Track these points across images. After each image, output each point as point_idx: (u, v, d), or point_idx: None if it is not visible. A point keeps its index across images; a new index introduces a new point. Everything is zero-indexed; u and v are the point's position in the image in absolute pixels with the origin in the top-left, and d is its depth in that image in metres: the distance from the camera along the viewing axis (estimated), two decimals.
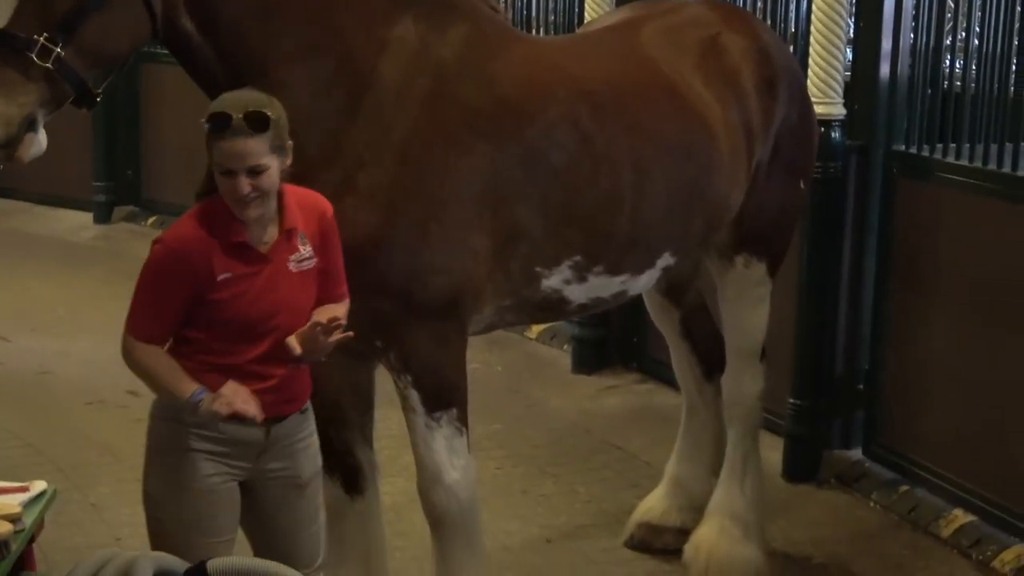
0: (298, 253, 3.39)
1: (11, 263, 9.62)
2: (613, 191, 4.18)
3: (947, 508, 5.42)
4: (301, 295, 3.41)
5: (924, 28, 5.70)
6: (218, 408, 3.23)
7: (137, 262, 3.63)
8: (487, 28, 4.08)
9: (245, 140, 3.21)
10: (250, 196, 3.23)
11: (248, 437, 3.39)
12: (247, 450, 3.42)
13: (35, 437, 6.30)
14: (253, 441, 3.42)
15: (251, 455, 3.43)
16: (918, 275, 5.65)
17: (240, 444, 3.40)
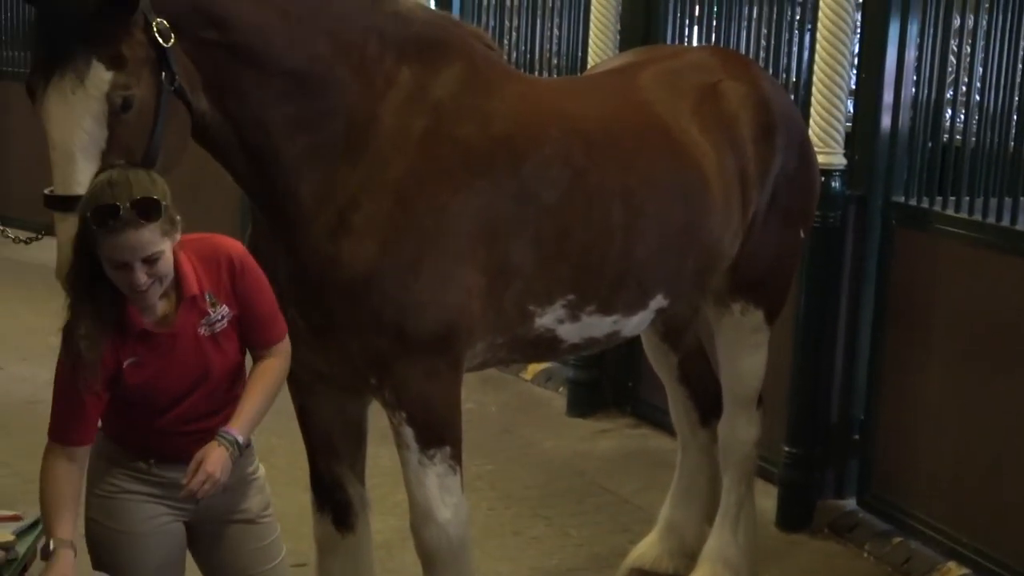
0: (208, 316, 3.32)
1: (3, 291, 9.64)
2: (604, 229, 4.20)
3: (941, 560, 5.41)
4: (221, 355, 3.36)
5: (925, 81, 5.73)
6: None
7: None
8: (482, 67, 4.10)
9: (137, 231, 3.09)
10: (143, 286, 3.13)
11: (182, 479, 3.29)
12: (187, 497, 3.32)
13: (25, 467, 6.24)
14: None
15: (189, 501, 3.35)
16: (915, 325, 5.67)
17: (177, 486, 3.30)
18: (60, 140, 3.28)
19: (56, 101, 3.27)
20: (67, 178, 3.29)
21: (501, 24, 8.29)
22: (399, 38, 3.91)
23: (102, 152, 3.29)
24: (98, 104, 3.27)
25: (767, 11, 6.55)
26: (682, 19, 7.06)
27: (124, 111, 3.29)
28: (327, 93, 3.76)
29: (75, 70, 3.24)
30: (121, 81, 3.28)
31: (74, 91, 3.24)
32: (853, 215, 5.88)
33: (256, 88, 3.62)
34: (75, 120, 3.26)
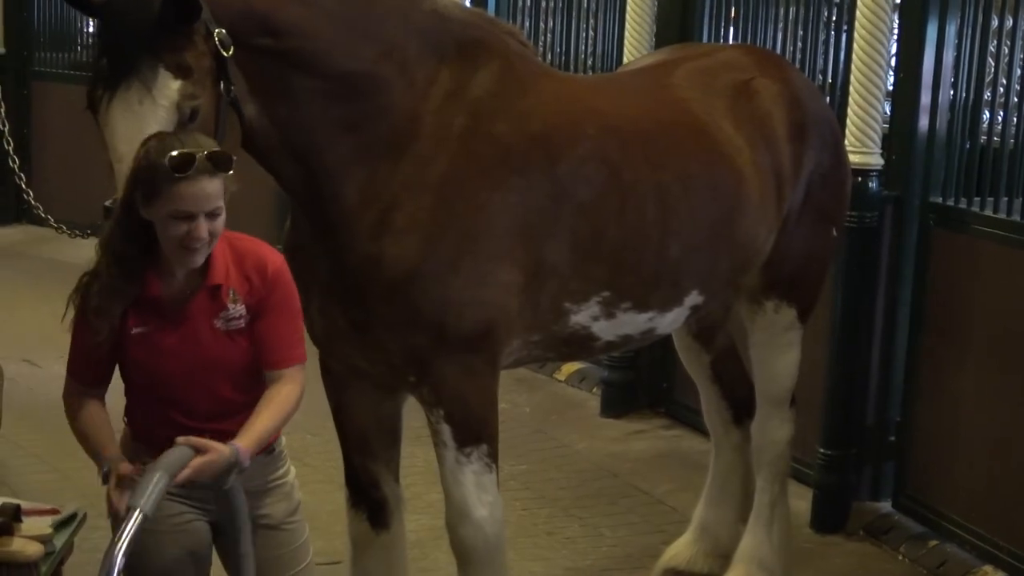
0: (226, 311, 3.28)
1: (42, 290, 9.68)
2: (639, 227, 4.21)
3: (977, 564, 5.38)
4: (231, 355, 3.31)
5: (964, 83, 5.72)
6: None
7: None
8: (517, 65, 4.12)
9: (210, 180, 3.10)
10: (200, 243, 3.13)
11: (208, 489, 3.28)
12: (207, 492, 3.33)
13: (62, 463, 6.34)
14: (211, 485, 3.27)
15: (212, 497, 3.34)
16: (952, 326, 5.65)
17: (199, 487, 3.26)
18: (126, 152, 3.24)
19: (122, 112, 3.26)
20: None
21: (536, 25, 8.32)
22: (438, 37, 3.95)
23: None
24: (167, 114, 3.27)
25: (803, 12, 6.57)
26: (718, 19, 7.06)
27: (191, 121, 3.30)
28: (372, 94, 3.79)
29: (142, 80, 3.24)
30: (188, 91, 3.30)
31: (142, 101, 3.24)
32: (890, 216, 5.86)
33: (305, 92, 3.65)
34: (143, 131, 3.23)
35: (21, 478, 6.01)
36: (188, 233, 3.10)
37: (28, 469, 6.20)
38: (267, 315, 3.32)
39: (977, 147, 5.76)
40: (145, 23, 3.25)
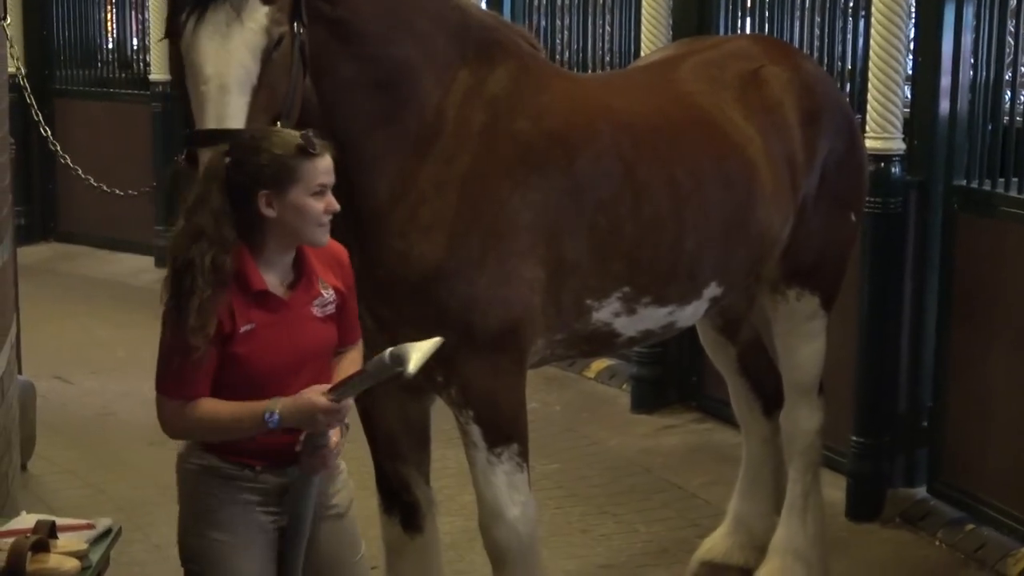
0: (321, 297, 3.30)
1: (73, 306, 9.78)
2: (655, 222, 4.22)
3: (1015, 546, 5.36)
4: (326, 340, 3.33)
5: (983, 64, 5.70)
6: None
7: None
8: (531, 64, 4.16)
9: (328, 156, 3.20)
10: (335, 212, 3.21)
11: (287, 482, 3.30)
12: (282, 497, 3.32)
13: (97, 477, 6.39)
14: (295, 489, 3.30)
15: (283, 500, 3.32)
16: (981, 310, 5.63)
17: (280, 491, 3.29)
18: (215, 73, 3.30)
19: (211, 35, 3.30)
20: (221, 111, 3.32)
21: (553, 23, 8.34)
22: (462, 33, 4.00)
23: (253, 88, 3.34)
24: (256, 38, 3.33)
25: (820, 1, 6.54)
26: (734, 11, 7.06)
27: (276, 48, 3.36)
28: (404, 82, 3.84)
29: (232, 3, 3.30)
30: (275, 16, 3.36)
31: (230, 24, 3.30)
32: (914, 201, 5.84)
33: (348, 70, 3.70)
34: (232, 53, 3.30)
35: (56, 494, 6.05)
36: (326, 207, 3.17)
37: (62, 485, 6.24)
38: (349, 298, 3.38)
39: (1000, 128, 5.74)
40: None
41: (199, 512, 3.32)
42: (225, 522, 3.29)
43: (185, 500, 3.36)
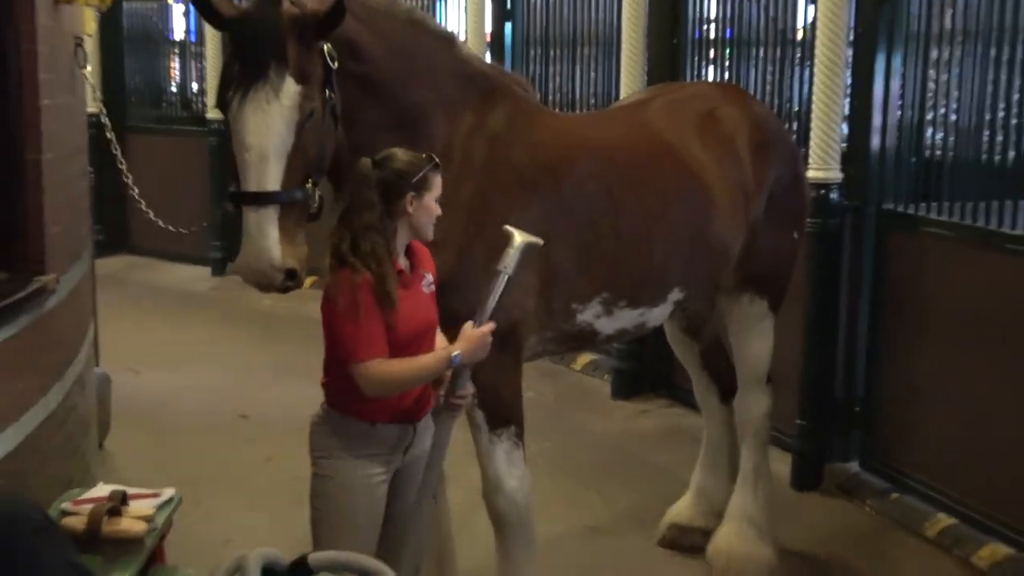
0: (426, 278, 3.46)
1: (141, 310, 9.80)
2: (630, 237, 4.23)
3: (932, 512, 5.40)
4: (434, 313, 3.47)
5: (909, 106, 5.73)
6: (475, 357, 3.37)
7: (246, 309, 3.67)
8: (524, 105, 4.18)
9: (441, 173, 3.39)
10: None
11: (404, 435, 3.43)
12: (399, 448, 3.44)
13: (161, 455, 6.40)
14: (405, 438, 3.44)
15: (401, 452, 3.45)
16: (906, 313, 5.65)
17: (397, 444, 3.42)
18: (256, 144, 3.32)
19: (253, 111, 3.31)
20: (261, 176, 3.34)
21: (546, 71, 8.34)
22: (466, 80, 4.01)
23: (288, 154, 3.36)
24: (290, 113, 3.33)
25: (772, 52, 6.56)
26: (699, 61, 7.08)
27: (309, 119, 3.38)
28: (421, 124, 3.85)
29: (270, 84, 3.31)
30: (307, 93, 3.37)
31: (269, 101, 3.31)
32: (850, 222, 5.87)
33: (373, 115, 3.71)
34: (270, 126, 3.31)
35: (127, 468, 6.06)
36: (433, 210, 3.36)
37: (133, 460, 6.25)
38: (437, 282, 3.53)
39: (922, 160, 5.75)
40: (273, 37, 3.33)
41: (328, 462, 3.41)
42: (348, 468, 3.38)
43: (318, 454, 3.44)
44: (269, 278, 3.36)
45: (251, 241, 3.37)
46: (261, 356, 8.26)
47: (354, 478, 3.39)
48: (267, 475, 6.08)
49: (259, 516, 5.55)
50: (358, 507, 3.42)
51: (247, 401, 7.30)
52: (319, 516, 3.47)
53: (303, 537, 4.78)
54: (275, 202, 3.35)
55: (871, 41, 5.73)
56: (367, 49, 3.67)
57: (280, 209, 3.37)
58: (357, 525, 3.43)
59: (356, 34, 3.63)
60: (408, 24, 3.89)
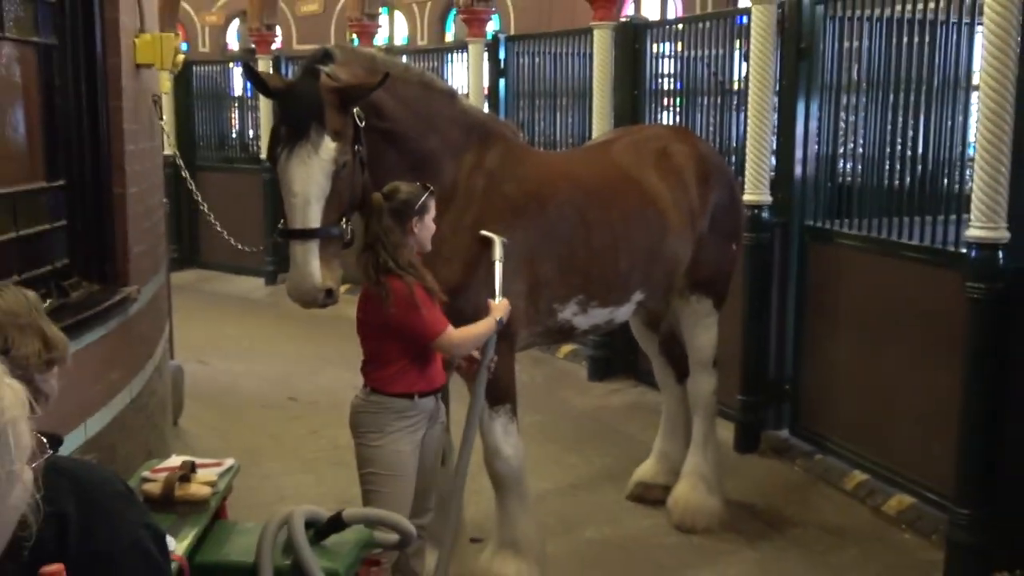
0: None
1: (209, 312, 9.78)
2: (600, 250, 4.22)
3: (849, 470, 5.38)
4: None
5: (825, 141, 5.72)
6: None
7: (294, 312, 3.66)
8: (513, 146, 4.17)
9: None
10: None
11: (431, 406, 3.51)
12: (428, 416, 3.50)
13: (226, 429, 6.40)
14: (432, 408, 3.52)
15: (428, 419, 3.51)
16: (825, 309, 5.64)
17: (427, 413, 3.49)
18: (300, 190, 3.36)
19: (297, 164, 3.35)
20: (306, 217, 3.38)
21: (532, 116, 8.33)
22: (467, 127, 3.99)
23: (327, 198, 3.39)
24: (328, 165, 3.36)
25: (714, 100, 6.56)
26: (656, 108, 7.07)
27: (343, 170, 3.39)
28: (433, 166, 3.83)
29: (311, 142, 3.34)
30: (341, 149, 3.38)
31: (310, 156, 3.33)
32: (779, 236, 5.86)
33: (394, 162, 3.69)
34: (311, 176, 3.35)
35: (198, 441, 6.05)
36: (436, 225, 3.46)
37: (203, 435, 6.23)
38: None
39: (836, 185, 5.75)
40: (314, 106, 3.35)
41: (376, 435, 3.46)
42: (394, 439, 3.45)
43: (362, 431, 3.49)
44: (312, 297, 3.42)
45: (297, 268, 3.40)
46: (306, 349, 8.25)
47: (400, 445, 3.45)
48: (312, 445, 6.06)
49: (306, 478, 5.54)
50: (404, 469, 3.47)
51: (295, 386, 7.28)
52: (372, 478, 3.49)
53: (340, 494, 4.78)
54: (316, 237, 3.38)
55: (793, 90, 5.72)
56: (388, 109, 3.66)
57: (320, 242, 3.40)
58: (404, 484, 3.49)
59: (379, 98, 3.60)
60: (420, 86, 3.87)
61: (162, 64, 4.71)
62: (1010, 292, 4.21)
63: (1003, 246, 4.19)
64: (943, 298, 4.65)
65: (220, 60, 14.44)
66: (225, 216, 9.78)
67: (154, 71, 4.92)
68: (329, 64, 3.50)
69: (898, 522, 4.88)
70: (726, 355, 5.16)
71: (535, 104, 8.29)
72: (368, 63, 3.70)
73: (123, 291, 4.15)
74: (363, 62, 3.68)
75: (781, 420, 5.99)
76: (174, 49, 4.79)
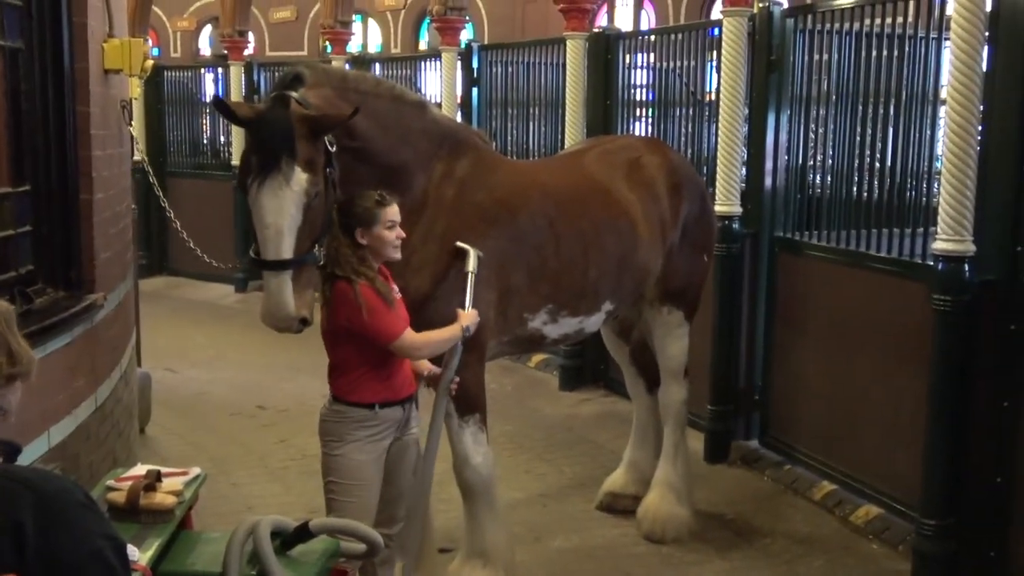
0: (395, 288, 3.50)
1: (177, 320, 9.71)
2: (570, 259, 4.22)
3: (818, 480, 5.41)
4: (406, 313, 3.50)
5: (794, 153, 5.75)
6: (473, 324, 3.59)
7: None
8: (484, 154, 4.15)
9: (395, 206, 3.44)
10: (398, 241, 3.42)
11: (397, 415, 3.48)
12: (394, 426, 3.47)
13: (195, 437, 6.34)
14: (399, 418, 3.49)
15: (395, 430, 3.48)
16: (794, 320, 5.67)
17: (392, 423, 3.46)
18: (272, 222, 3.30)
19: (268, 195, 3.28)
20: (278, 248, 3.32)
21: (505, 126, 8.33)
22: (438, 137, 3.97)
23: (299, 228, 3.33)
24: (299, 197, 3.29)
25: (686, 111, 6.59)
26: (628, 119, 7.09)
27: (315, 199, 3.34)
28: (404, 177, 3.81)
29: (282, 174, 3.27)
30: (312, 179, 3.32)
31: (281, 188, 3.27)
32: (749, 246, 5.88)
33: (366, 177, 3.64)
34: (283, 208, 3.28)
35: (165, 450, 6.00)
36: (395, 234, 3.41)
37: (170, 443, 6.19)
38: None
39: (806, 197, 5.78)
40: (284, 135, 3.29)
41: (338, 444, 3.45)
42: (355, 449, 3.42)
43: (325, 439, 3.49)
44: (287, 324, 3.39)
45: (271, 298, 3.37)
46: (276, 357, 8.19)
47: (360, 455, 3.42)
48: (281, 454, 6.02)
49: (274, 487, 5.50)
50: (364, 478, 3.45)
51: (264, 394, 7.24)
52: (333, 487, 3.48)
53: (310, 503, 4.75)
54: (289, 268, 3.35)
55: (763, 102, 5.75)
56: (360, 129, 3.61)
57: (293, 272, 3.37)
58: (364, 494, 3.46)
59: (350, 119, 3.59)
60: (391, 100, 3.83)
61: (131, 69, 4.67)
62: (975, 304, 4.25)
63: (969, 259, 4.24)
64: (910, 310, 4.69)
65: (192, 66, 14.37)
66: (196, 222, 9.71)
67: (123, 76, 4.88)
68: (299, 88, 3.45)
69: (866, 532, 4.90)
70: (696, 365, 5.18)
71: (508, 113, 8.29)
72: (339, 82, 3.66)
73: (89, 298, 4.10)
74: (334, 82, 3.63)
75: (751, 430, 6.00)
76: (143, 54, 4.75)
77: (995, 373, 4.27)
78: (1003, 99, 4.15)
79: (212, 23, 21.10)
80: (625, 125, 7.07)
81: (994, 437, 4.28)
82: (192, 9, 21.85)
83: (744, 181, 5.92)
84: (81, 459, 3.92)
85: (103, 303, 4.24)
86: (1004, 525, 4.28)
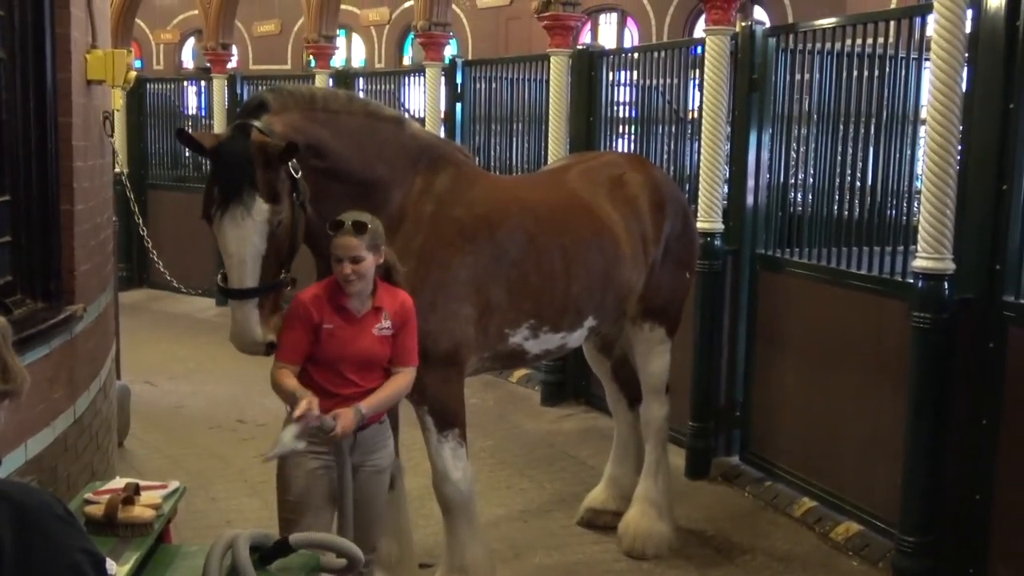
0: (380, 324, 3.40)
1: (157, 333, 9.65)
2: (551, 275, 4.21)
3: (798, 496, 5.42)
4: (378, 351, 3.41)
5: (776, 171, 5.79)
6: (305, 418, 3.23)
7: None
8: (464, 169, 4.14)
9: (349, 238, 3.29)
10: (350, 276, 3.30)
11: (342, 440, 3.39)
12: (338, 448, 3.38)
13: (173, 451, 6.30)
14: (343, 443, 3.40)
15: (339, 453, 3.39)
16: (775, 337, 5.69)
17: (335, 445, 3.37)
18: (235, 251, 3.31)
19: (231, 225, 3.29)
20: (241, 277, 3.33)
21: (488, 141, 8.35)
22: (416, 152, 3.95)
23: (263, 257, 3.33)
24: (262, 226, 3.29)
25: (668, 128, 6.61)
26: (611, 135, 7.12)
27: (278, 228, 3.33)
28: (380, 193, 3.79)
29: (244, 204, 3.27)
30: (276, 209, 3.31)
31: (244, 219, 3.27)
32: (730, 263, 5.91)
33: (340, 195, 3.63)
34: (245, 238, 3.28)
35: (143, 463, 5.96)
36: (339, 270, 3.31)
37: (149, 456, 6.14)
38: (402, 332, 3.46)
39: (787, 215, 5.81)
40: (245, 164, 3.27)
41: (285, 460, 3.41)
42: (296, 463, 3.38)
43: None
44: (253, 350, 3.43)
45: (237, 325, 3.39)
46: (256, 371, 8.10)
47: (296, 469, 3.39)
48: (260, 468, 5.96)
49: (253, 501, 5.46)
50: (302, 493, 3.39)
51: (244, 408, 7.19)
52: (278, 500, 3.48)
53: None
54: (254, 296, 3.36)
55: (745, 121, 5.79)
56: (329, 148, 3.60)
57: (259, 299, 3.37)
58: (305, 507, 3.40)
59: (317, 139, 3.56)
60: (364, 116, 3.81)
61: (114, 81, 4.66)
62: (955, 322, 4.28)
63: (948, 277, 4.27)
64: (890, 327, 4.71)
65: (174, 78, 14.33)
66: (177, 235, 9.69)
67: (106, 87, 4.86)
68: (263, 115, 3.43)
69: (846, 549, 4.91)
70: (677, 381, 5.18)
71: (491, 129, 8.30)
72: (307, 104, 3.61)
73: (68, 309, 4.07)
74: (301, 105, 3.59)
75: (731, 446, 6.01)
76: (126, 66, 4.74)
77: (974, 390, 4.30)
78: (982, 119, 4.20)
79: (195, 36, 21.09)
80: (608, 142, 7.09)
81: (973, 454, 4.31)
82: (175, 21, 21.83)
83: (726, 198, 5.94)
84: (59, 472, 3.88)
85: (82, 315, 4.21)
86: (983, 542, 4.30)
